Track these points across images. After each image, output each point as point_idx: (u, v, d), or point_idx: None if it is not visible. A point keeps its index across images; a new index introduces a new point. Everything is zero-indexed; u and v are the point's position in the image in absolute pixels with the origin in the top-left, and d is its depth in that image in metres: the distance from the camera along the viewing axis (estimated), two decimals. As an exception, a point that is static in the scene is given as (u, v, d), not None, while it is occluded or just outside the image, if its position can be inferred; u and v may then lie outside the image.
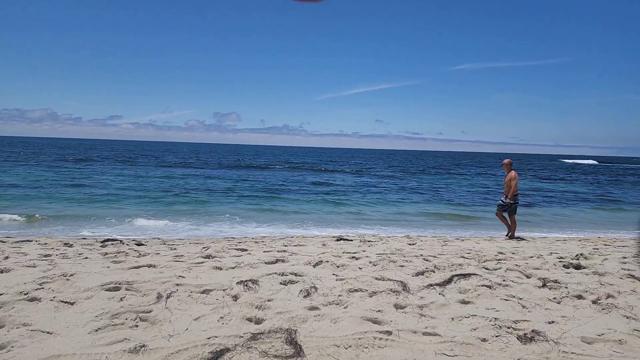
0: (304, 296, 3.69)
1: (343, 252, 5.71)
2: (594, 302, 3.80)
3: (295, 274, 4.30)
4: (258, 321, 3.14)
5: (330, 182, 23.78)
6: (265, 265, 4.73)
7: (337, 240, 7.35)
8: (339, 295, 3.72)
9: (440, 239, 8.08)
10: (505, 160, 8.85)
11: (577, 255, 6.09)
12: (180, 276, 4.16)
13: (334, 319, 3.19)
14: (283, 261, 4.99)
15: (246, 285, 3.88)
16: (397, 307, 3.53)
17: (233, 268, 4.57)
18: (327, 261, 4.92)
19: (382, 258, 5.23)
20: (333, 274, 4.40)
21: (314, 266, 4.74)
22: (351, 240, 7.35)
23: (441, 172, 36.98)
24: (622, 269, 5.19)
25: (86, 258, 5.11)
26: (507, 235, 8.78)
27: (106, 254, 5.41)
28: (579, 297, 3.93)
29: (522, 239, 8.61)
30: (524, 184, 27.55)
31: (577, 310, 3.62)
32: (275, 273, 4.30)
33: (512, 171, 8.60)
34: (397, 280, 4.17)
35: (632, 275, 4.80)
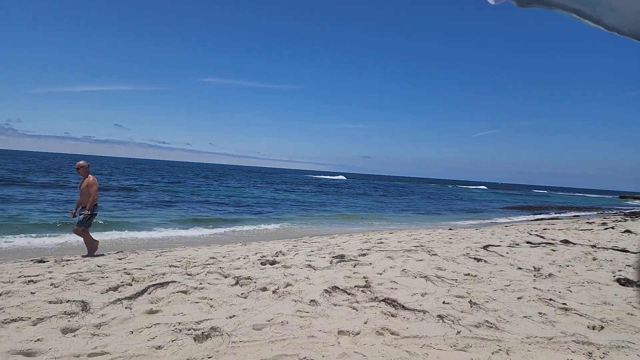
0: None
1: (18, 277, 4.59)
2: (274, 292, 4.35)
3: None
4: None
5: (29, 197, 18.99)
6: None
7: (39, 262, 5.91)
8: (-19, 332, 2.88)
9: (157, 251, 7.71)
10: (81, 163, 6.89)
11: (276, 253, 7.00)
12: None
13: (-43, 365, 2.41)
14: None
15: None
16: (67, 331, 3.03)
17: None
18: (-17, 290, 3.80)
19: (69, 278, 4.48)
20: (-16, 306, 3.41)
21: (-45, 299, 3.55)
22: (46, 261, 6.06)
23: (194, 182, 36.55)
24: (306, 260, 6.28)
25: None
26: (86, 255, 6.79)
27: None
28: (264, 289, 4.42)
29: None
30: (263, 192, 30.55)
31: (258, 301, 4.04)
32: None
33: (90, 176, 6.87)
34: (78, 301, 3.62)
35: (310, 265, 5.85)
